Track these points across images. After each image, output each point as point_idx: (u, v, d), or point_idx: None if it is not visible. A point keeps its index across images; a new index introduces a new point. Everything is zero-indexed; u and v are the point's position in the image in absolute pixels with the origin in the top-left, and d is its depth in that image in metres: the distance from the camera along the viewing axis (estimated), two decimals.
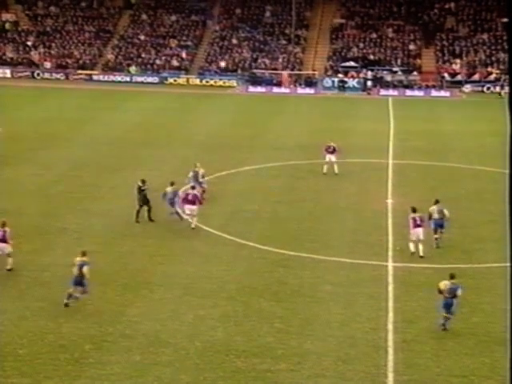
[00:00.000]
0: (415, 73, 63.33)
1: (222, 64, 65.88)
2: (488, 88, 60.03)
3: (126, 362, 15.92)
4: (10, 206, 26.74)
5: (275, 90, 61.06)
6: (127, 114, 48.48)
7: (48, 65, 66.92)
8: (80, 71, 65.17)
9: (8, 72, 65.14)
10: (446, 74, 63.25)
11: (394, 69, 63.66)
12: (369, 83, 61.58)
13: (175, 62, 66.87)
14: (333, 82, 61.68)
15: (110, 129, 42.76)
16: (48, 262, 21.51)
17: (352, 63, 63.95)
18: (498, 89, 58.19)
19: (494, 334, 17.00)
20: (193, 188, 25.32)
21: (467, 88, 60.68)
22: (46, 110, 49.07)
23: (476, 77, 62.10)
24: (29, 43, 69.06)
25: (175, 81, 63.96)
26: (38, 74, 65.01)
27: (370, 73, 62.65)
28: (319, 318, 18.26)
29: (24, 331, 17.12)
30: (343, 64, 64.14)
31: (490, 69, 62.29)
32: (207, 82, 63.57)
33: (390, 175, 32.96)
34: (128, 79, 64.31)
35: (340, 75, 62.59)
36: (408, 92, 60.21)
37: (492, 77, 61.28)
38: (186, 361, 16.01)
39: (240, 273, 21.09)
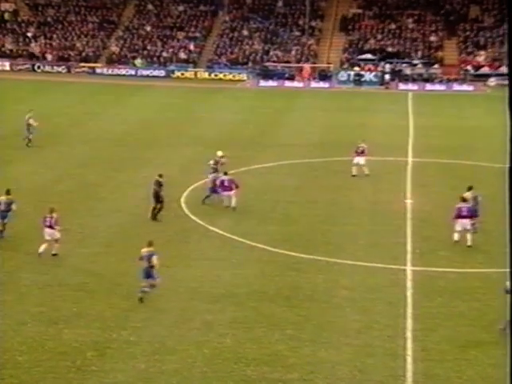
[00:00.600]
0: (436, 66, 63.14)
1: (232, 56, 65.97)
2: None
3: (130, 369, 15.97)
4: None
5: (288, 84, 61.05)
6: (132, 109, 48.62)
7: (49, 57, 67.23)
8: (82, 64, 65.43)
9: (7, 65, 65.50)
10: (469, 67, 63.00)
11: (414, 61, 63.48)
12: (387, 77, 61.43)
13: (182, 55, 67.00)
14: (348, 75, 61.59)
15: (114, 125, 42.90)
16: (49, 265, 21.61)
17: (369, 56, 63.83)
18: None
19: None
20: (225, 174, 26.89)
21: (492, 81, 60.39)
22: (47, 104, 49.28)
23: (501, 70, 61.82)
24: (29, 34, 69.41)
25: (182, 74, 64.08)
26: (39, 67, 65.32)
27: (388, 66, 62.49)
28: (334, 324, 18.24)
29: (23, 337, 17.21)
30: (360, 56, 64.03)
31: None
32: (216, 75, 63.64)
33: (409, 174, 32.88)
34: (133, 73, 64.49)
35: (356, 68, 62.47)
36: (428, 86, 60.03)
37: None
38: (193, 369, 16.04)
39: (250, 276, 21.10)
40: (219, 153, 29.35)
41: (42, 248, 21.86)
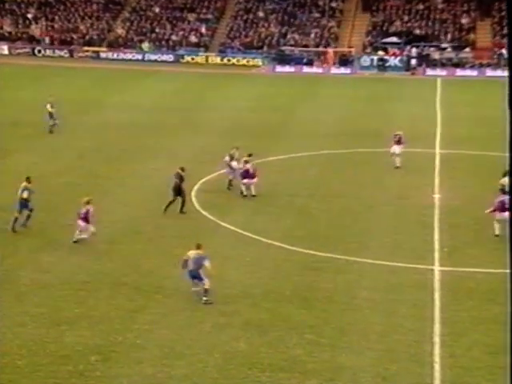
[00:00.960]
0: (468, 49, 62.78)
1: (246, 40, 65.91)
2: None
3: (136, 375, 16.03)
4: (7, 200, 27.03)
5: (306, 69, 60.93)
6: (139, 96, 48.74)
7: (50, 40, 67.50)
8: (86, 48, 65.66)
9: (5, 48, 65.87)
10: (503, 51, 62.53)
11: (443, 45, 63.14)
12: (413, 62, 61.16)
13: (193, 38, 67.04)
14: (372, 60, 61.37)
15: (120, 113, 43.03)
16: (50, 263, 21.73)
17: (394, 39, 63.55)
18: None
19: None
20: (246, 162, 27.81)
21: None
22: (48, 91, 49.48)
23: None
24: (29, 16, 69.72)
25: (193, 59, 64.12)
26: (39, 51, 65.62)
27: (414, 50, 62.19)
28: (355, 327, 18.21)
29: (23, 340, 17.32)
30: (384, 40, 63.76)
31: None
32: (229, 60, 63.63)
33: (437, 166, 32.75)
34: (140, 57, 64.63)
35: (380, 53, 62.22)
36: (459, 71, 59.71)
37: None
38: (203, 375, 16.07)
39: (265, 276, 21.11)
40: (235, 149, 29.61)
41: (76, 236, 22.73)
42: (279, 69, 61.18)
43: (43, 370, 16.14)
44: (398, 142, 32.39)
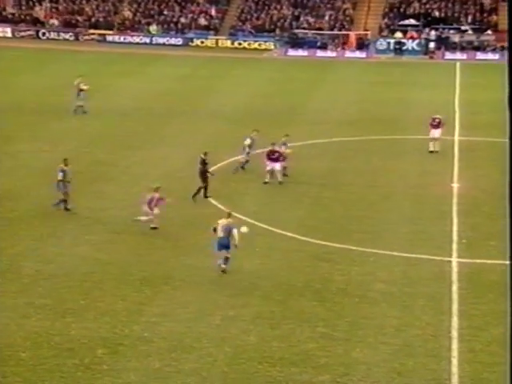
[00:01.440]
0: (489, 32, 62.30)
1: (258, 23, 65.75)
2: None
3: (144, 369, 16.11)
4: (11, 188, 27.16)
5: (319, 53, 60.73)
6: (146, 81, 48.75)
7: (55, 23, 67.56)
8: (92, 31, 65.66)
9: (8, 31, 65.96)
10: None
11: (463, 27, 62.71)
12: (431, 45, 60.79)
13: (203, 21, 66.91)
14: (388, 43, 61.05)
15: (127, 98, 43.06)
16: (54, 253, 21.84)
17: (412, 21, 63.17)
18: None
19: None
20: (273, 144, 28.52)
21: None
22: (53, 75, 49.60)
23: None
24: None
25: (202, 43, 64.02)
26: (44, 34, 65.70)
27: (433, 32, 61.80)
28: (369, 321, 18.22)
29: (27, 332, 17.44)
30: (401, 22, 63.40)
31: None
32: (240, 44, 63.48)
33: (456, 154, 32.64)
34: (147, 40, 64.59)
35: (397, 35, 61.91)
36: (479, 55, 59.33)
37: None
38: (212, 369, 16.14)
39: (276, 267, 21.13)
40: (254, 133, 30.28)
41: (144, 218, 23.34)
42: (292, 52, 61.00)
43: (48, 362, 16.25)
44: (437, 126, 32.40)
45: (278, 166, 28.02)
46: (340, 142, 34.52)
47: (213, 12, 67.65)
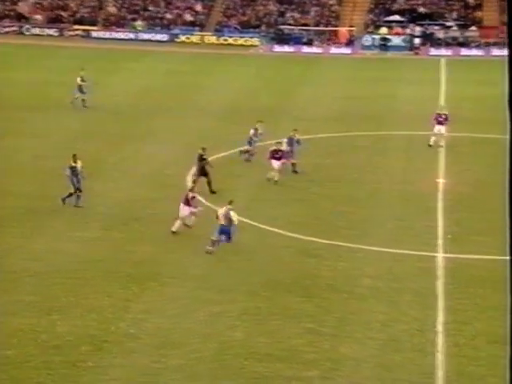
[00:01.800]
0: (474, 28, 62.52)
1: (244, 19, 65.68)
2: None
3: (130, 365, 16.11)
4: None
5: (305, 49, 60.75)
6: (132, 77, 48.60)
7: (39, 18, 67.19)
8: (76, 26, 65.34)
9: None
10: None
11: (448, 23, 62.91)
12: (417, 41, 60.97)
13: (188, 17, 66.77)
14: (373, 39, 61.16)
15: (112, 95, 42.89)
16: (40, 250, 21.76)
17: (397, 17, 63.31)
18: None
19: None
20: (278, 143, 28.47)
21: None
22: (37, 71, 49.33)
23: None
24: None
25: (188, 38, 63.88)
26: (28, 30, 65.33)
27: (418, 28, 61.99)
28: (357, 317, 18.29)
29: (13, 329, 17.38)
30: (386, 18, 63.54)
31: None
32: (225, 40, 63.40)
33: (440, 150, 32.74)
34: (133, 36, 64.38)
35: (383, 31, 62.04)
36: (464, 51, 59.54)
37: None
38: (199, 365, 16.15)
39: (264, 264, 21.16)
40: (258, 124, 30.84)
41: (176, 226, 22.87)
42: (278, 49, 60.98)
43: (34, 360, 16.21)
44: (443, 122, 32.54)
45: (278, 164, 27.80)
46: (326, 138, 34.56)
47: (198, 7, 67.52)
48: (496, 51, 59.41)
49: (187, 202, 23.04)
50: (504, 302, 17.87)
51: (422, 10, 64.83)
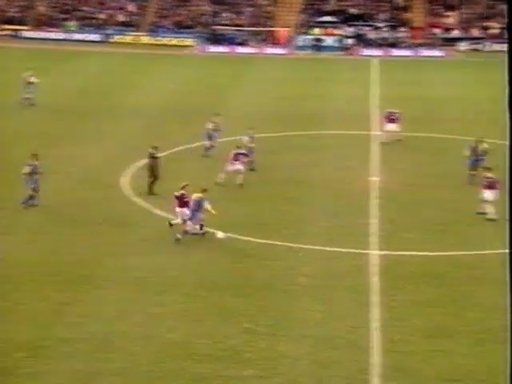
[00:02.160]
0: (403, 29, 63.61)
1: (178, 19, 65.37)
2: (486, 46, 60.61)
3: (66, 371, 15.87)
4: None
5: (240, 49, 60.83)
6: (64, 78, 47.87)
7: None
8: (6, 26, 64.02)
9: None
10: (437, 30, 63.65)
11: (379, 24, 63.87)
12: (349, 41, 61.72)
13: (121, 17, 66.10)
14: (307, 40, 61.64)
15: (43, 96, 42.09)
16: None
17: (329, 18, 63.96)
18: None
19: (493, 331, 17.33)
20: (238, 147, 28.30)
21: (463, 46, 61.18)
22: None
23: (473, 33, 62.63)
24: None
25: (122, 39, 63.27)
26: None
27: (350, 29, 62.75)
28: (293, 315, 18.40)
29: None
30: (319, 19, 64.12)
31: (489, 23, 62.86)
32: (160, 40, 63.02)
33: (373, 149, 33.19)
34: (65, 36, 63.41)
35: (316, 32, 62.57)
36: (395, 51, 60.53)
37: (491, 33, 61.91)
38: (138, 368, 16.02)
39: (200, 264, 21.11)
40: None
41: (179, 234, 22.24)
42: (212, 49, 60.92)
43: None
44: (394, 121, 33.43)
45: (241, 167, 27.56)
46: (261, 138, 34.61)
47: (131, 8, 66.93)
48: (425, 51, 60.58)
49: (182, 204, 22.51)
50: (436, 297, 18.34)
51: (352, 11, 65.63)
